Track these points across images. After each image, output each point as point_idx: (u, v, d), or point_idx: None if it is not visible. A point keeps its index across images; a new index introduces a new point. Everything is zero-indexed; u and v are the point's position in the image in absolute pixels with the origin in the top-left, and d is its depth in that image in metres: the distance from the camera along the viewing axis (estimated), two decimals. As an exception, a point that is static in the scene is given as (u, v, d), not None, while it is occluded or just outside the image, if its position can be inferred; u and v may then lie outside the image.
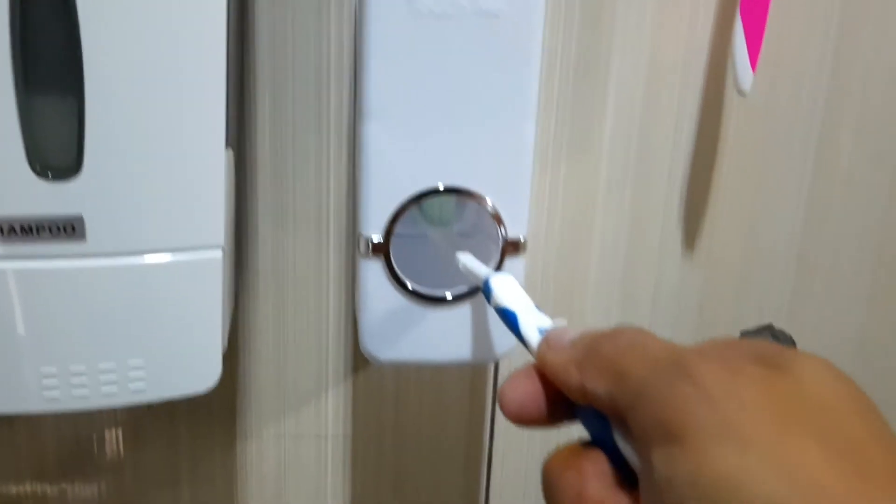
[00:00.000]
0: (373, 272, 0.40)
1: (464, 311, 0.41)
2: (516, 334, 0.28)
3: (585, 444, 0.23)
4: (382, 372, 0.51)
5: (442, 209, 0.41)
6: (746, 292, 0.53)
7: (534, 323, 0.27)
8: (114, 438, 0.50)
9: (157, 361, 0.37)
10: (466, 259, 0.37)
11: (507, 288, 0.30)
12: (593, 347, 0.23)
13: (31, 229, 0.33)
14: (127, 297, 0.35)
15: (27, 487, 0.51)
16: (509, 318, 0.29)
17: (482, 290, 0.32)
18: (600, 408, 0.22)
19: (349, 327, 0.50)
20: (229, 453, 0.52)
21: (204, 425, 0.51)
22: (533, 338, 0.27)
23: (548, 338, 0.25)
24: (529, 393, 0.24)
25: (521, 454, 0.54)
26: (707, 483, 0.17)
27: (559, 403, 0.24)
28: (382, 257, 0.40)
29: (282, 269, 0.48)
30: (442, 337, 0.42)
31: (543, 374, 0.24)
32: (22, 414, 0.36)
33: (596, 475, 0.22)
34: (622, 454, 0.22)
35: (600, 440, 0.23)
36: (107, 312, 0.35)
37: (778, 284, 0.53)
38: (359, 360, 0.51)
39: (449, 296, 0.40)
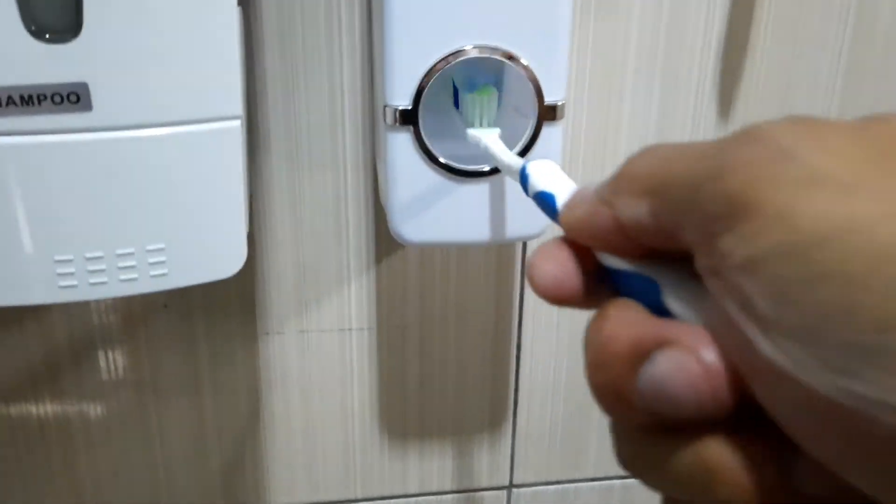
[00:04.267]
0: (401, 144, 0.37)
1: (497, 187, 0.39)
2: (555, 217, 0.25)
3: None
4: (406, 260, 0.49)
5: (483, 107, 0.37)
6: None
7: None
8: (130, 341, 0.48)
9: (178, 244, 0.34)
10: (491, 142, 0.34)
11: (547, 172, 0.27)
12: (621, 174, 0.18)
13: (31, 99, 0.30)
14: (140, 175, 0.33)
15: (39, 394, 0.49)
16: (548, 202, 0.25)
17: (519, 180, 0.28)
18: (645, 242, 0.18)
19: (369, 215, 0.48)
20: (250, 352, 0.50)
21: (222, 324, 0.49)
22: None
23: (569, 199, 0.21)
24: (561, 264, 0.20)
25: (549, 340, 0.53)
26: (806, 244, 0.13)
27: (595, 274, 0.20)
28: (411, 128, 0.37)
29: (295, 152, 0.45)
30: (474, 215, 0.39)
31: (575, 244, 0.20)
32: (38, 304, 0.34)
33: (630, 313, 0.18)
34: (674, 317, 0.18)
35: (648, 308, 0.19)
36: (121, 192, 0.33)
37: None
38: (381, 249, 0.49)
39: (486, 168, 0.38)
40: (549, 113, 0.37)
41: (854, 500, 0.14)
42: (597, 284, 0.20)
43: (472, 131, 0.36)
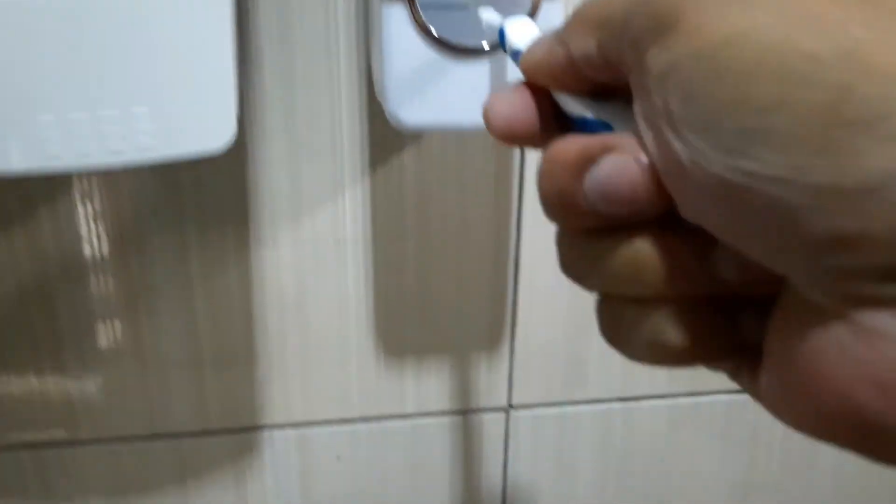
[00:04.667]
0: (395, 18, 0.36)
1: (498, 66, 0.38)
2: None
3: None
4: (402, 169, 0.48)
5: None
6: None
7: None
8: (117, 246, 0.47)
9: (165, 111, 0.33)
10: (487, 14, 0.34)
11: (523, 29, 0.26)
12: (574, 15, 0.20)
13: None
14: (125, 32, 0.31)
15: (27, 308, 0.48)
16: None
17: (499, 42, 0.28)
18: (595, 78, 0.20)
19: (364, 116, 0.46)
20: (244, 262, 0.49)
21: (215, 231, 0.48)
22: None
23: (530, 44, 0.22)
24: (516, 105, 0.21)
25: (549, 256, 0.52)
26: (712, 47, 0.16)
27: (552, 115, 0.21)
28: (406, 0, 0.35)
29: (286, 44, 0.44)
30: (474, 97, 0.38)
31: (533, 88, 0.22)
32: (21, 174, 0.32)
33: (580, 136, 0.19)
34: None
35: None
36: (105, 50, 0.32)
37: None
38: (376, 154, 0.48)
39: (486, 45, 0.37)
40: (548, -13, 0.36)
41: (756, 278, 0.17)
42: (552, 127, 0.21)
43: None
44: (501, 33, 0.27)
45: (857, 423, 0.15)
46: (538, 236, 0.51)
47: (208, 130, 0.34)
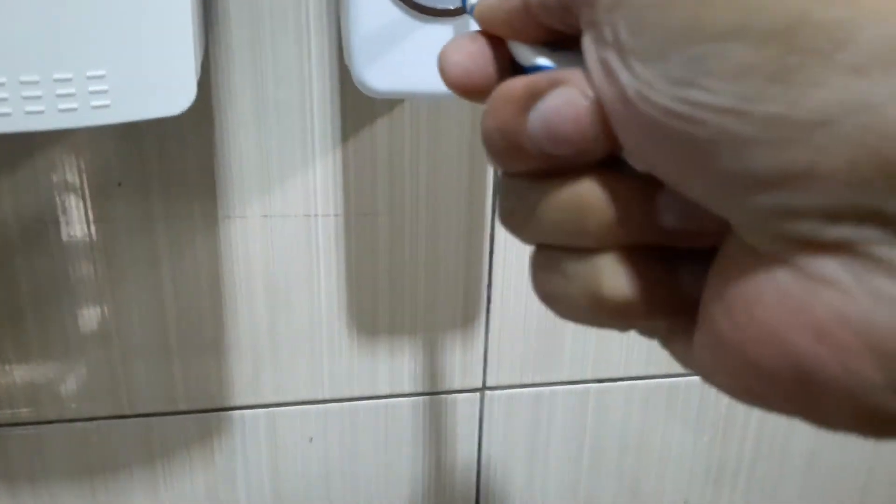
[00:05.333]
0: (362, -22, 0.35)
1: (465, 27, 0.37)
2: None
3: None
4: (374, 142, 0.47)
5: None
6: None
7: None
8: (82, 220, 0.46)
9: (122, 73, 0.32)
10: None
11: None
12: None
13: None
14: (79, -13, 0.30)
15: (-8, 280, 0.46)
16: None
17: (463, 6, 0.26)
18: (550, 25, 0.19)
19: (335, 86, 0.45)
20: (211, 235, 0.48)
21: (182, 204, 0.47)
22: None
23: None
24: (472, 56, 0.20)
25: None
26: None
27: (509, 68, 0.21)
28: (373, -41, 0.35)
29: (255, 9, 0.43)
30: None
31: (488, 37, 0.21)
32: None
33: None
34: None
35: None
36: (59, 10, 0.30)
37: None
38: (347, 126, 0.47)
39: (452, 5, 0.36)
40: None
41: (699, 228, 0.17)
42: (510, 71, 0.21)
43: None
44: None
45: (793, 376, 0.14)
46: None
47: (167, 94, 0.33)
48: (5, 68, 0.31)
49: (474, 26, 0.34)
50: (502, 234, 0.51)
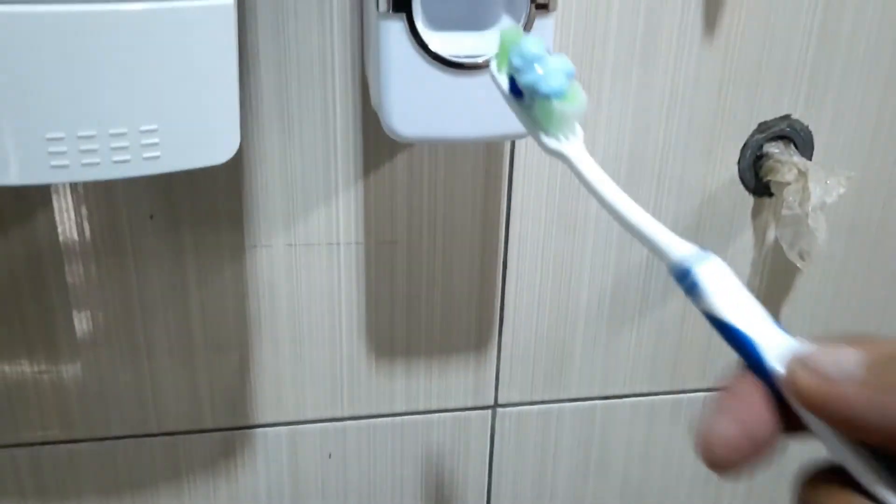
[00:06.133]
0: (394, 33, 0.37)
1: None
2: (750, 360, 0.21)
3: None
4: (394, 174, 0.49)
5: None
6: (765, 80, 0.51)
7: (777, 346, 0.21)
8: (115, 249, 0.48)
9: (172, 126, 0.34)
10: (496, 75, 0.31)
11: (726, 288, 0.22)
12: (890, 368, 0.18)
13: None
14: (134, 51, 0.32)
15: (24, 305, 0.48)
16: (740, 341, 0.21)
17: (674, 275, 0.23)
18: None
19: (357, 123, 0.48)
20: (238, 264, 0.50)
21: (210, 235, 0.49)
22: (778, 366, 0.20)
23: (812, 361, 0.19)
24: (746, 421, 0.19)
25: (535, 260, 0.53)
26: None
27: (780, 424, 0.19)
28: (404, 16, 0.37)
29: (283, 53, 0.45)
30: (471, 110, 0.39)
31: (751, 402, 0.19)
32: (30, 185, 0.33)
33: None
34: None
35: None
36: (115, 69, 0.32)
37: (796, 73, 0.52)
38: (369, 163, 0.49)
39: (481, 59, 0.38)
40: (540, 7, 0.38)
41: None
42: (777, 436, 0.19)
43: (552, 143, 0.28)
44: (687, 276, 0.22)
45: None
46: (525, 241, 0.53)
47: (213, 144, 0.35)
48: (63, 123, 0.33)
49: (493, 81, 0.33)
50: (515, 261, 0.53)
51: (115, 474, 0.54)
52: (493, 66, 0.31)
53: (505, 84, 0.30)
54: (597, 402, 0.58)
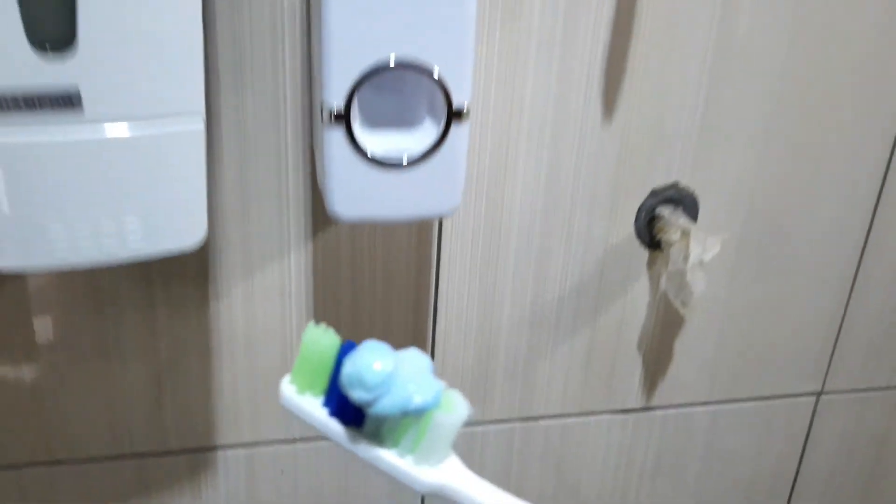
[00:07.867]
0: (335, 139, 0.45)
1: (419, 173, 0.47)
2: None
3: None
4: (338, 235, 0.57)
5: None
6: (656, 153, 0.60)
7: None
8: (95, 301, 0.55)
9: (152, 220, 0.42)
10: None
11: None
12: None
13: (34, 102, 0.37)
14: (123, 163, 0.40)
15: (9, 350, 0.55)
16: None
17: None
18: None
19: (307, 196, 0.55)
20: (203, 311, 0.57)
21: (178, 287, 0.56)
22: None
23: None
24: None
25: (461, 304, 0.62)
26: None
27: None
28: (344, 125, 0.45)
29: (243, 138, 0.53)
30: (400, 196, 0.48)
31: None
32: (35, 270, 0.41)
33: None
34: None
35: None
36: (107, 177, 0.40)
37: (683, 147, 0.61)
38: (317, 223, 0.57)
39: (405, 161, 0.46)
40: (455, 116, 0.46)
41: None
42: None
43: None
44: None
45: None
46: (453, 287, 0.61)
47: (185, 232, 0.43)
48: (63, 218, 0.40)
49: (431, 170, 0.42)
50: (443, 306, 0.62)
51: (89, 494, 0.61)
52: (288, 388, 0.30)
53: (317, 410, 0.26)
54: (516, 423, 0.67)
